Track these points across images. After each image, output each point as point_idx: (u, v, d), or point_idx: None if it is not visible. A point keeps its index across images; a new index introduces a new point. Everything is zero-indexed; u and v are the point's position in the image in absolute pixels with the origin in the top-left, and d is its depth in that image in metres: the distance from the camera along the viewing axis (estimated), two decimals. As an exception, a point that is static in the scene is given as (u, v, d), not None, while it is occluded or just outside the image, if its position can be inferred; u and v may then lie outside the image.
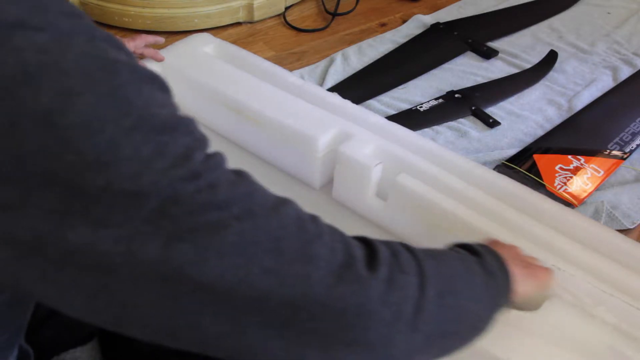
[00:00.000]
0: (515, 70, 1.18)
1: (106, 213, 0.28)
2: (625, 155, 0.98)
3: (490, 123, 1.04)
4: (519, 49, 1.25)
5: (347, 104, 0.86)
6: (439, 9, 1.39)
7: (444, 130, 1.02)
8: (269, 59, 0.98)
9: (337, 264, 0.34)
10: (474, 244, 0.48)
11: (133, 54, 0.31)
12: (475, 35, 1.26)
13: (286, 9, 1.32)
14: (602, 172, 0.93)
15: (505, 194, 0.72)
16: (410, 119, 1.01)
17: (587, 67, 1.21)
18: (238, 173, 0.33)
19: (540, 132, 1.03)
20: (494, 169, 0.91)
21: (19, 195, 0.27)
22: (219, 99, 0.86)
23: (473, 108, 1.06)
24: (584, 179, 0.91)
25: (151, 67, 0.86)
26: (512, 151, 0.98)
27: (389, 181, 0.75)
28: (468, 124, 1.04)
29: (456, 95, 1.09)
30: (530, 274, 0.50)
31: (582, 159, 0.95)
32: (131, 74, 0.29)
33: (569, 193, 0.88)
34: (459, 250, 0.46)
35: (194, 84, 0.88)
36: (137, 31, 1.20)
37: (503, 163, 0.94)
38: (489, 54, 1.21)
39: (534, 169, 0.92)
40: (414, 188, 0.72)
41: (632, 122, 1.05)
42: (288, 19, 1.30)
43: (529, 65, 1.19)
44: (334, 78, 1.11)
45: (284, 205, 0.34)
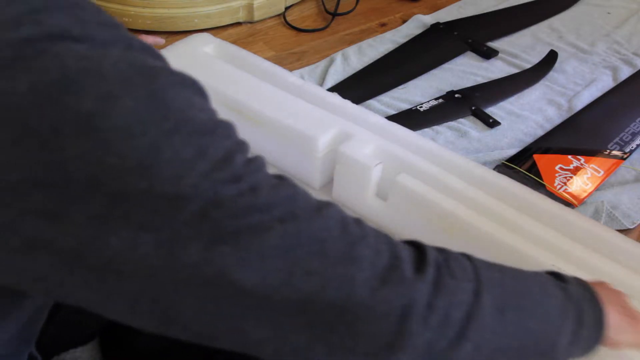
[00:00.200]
0: (515, 70, 1.18)
1: (147, 217, 0.28)
2: (625, 155, 0.98)
3: (490, 123, 1.04)
4: (519, 49, 1.25)
5: (347, 104, 0.86)
6: (439, 9, 1.39)
7: (444, 130, 1.02)
8: (269, 59, 0.98)
9: (382, 265, 0.33)
10: (567, 275, 0.44)
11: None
12: (475, 35, 1.26)
13: (286, 9, 1.32)
14: (602, 172, 0.93)
15: (505, 194, 0.72)
16: (410, 119, 1.01)
17: (587, 67, 1.21)
18: (279, 177, 0.33)
19: (540, 132, 1.03)
20: (494, 169, 0.91)
21: (61, 202, 0.27)
22: (219, 99, 0.86)
23: (473, 108, 1.06)
24: (584, 179, 0.91)
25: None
26: (512, 151, 0.98)
27: (389, 181, 0.75)
28: (468, 124, 1.04)
29: (456, 95, 1.09)
30: (633, 326, 0.46)
31: (582, 159, 0.95)
32: (169, 78, 0.30)
33: (569, 193, 0.88)
34: (540, 273, 0.43)
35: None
36: (137, 31, 1.20)
37: (503, 163, 0.94)
38: (489, 54, 1.21)
39: (534, 169, 0.92)
40: (414, 188, 0.72)
41: (632, 122, 1.05)
42: (288, 19, 1.30)
43: (529, 65, 1.19)
44: (334, 78, 1.11)
45: (326, 207, 0.33)
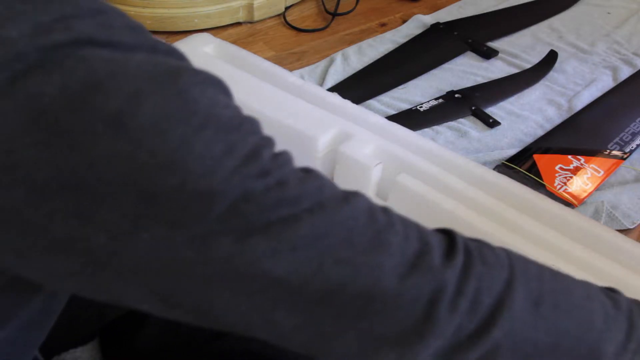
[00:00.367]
0: (515, 70, 1.18)
1: (179, 214, 0.28)
2: (625, 155, 0.98)
3: (490, 123, 1.04)
4: (519, 49, 1.25)
5: (347, 104, 0.86)
6: (439, 9, 1.39)
7: (444, 130, 1.02)
8: (269, 59, 0.98)
9: (411, 252, 0.33)
10: (622, 293, 0.43)
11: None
12: (475, 35, 1.26)
13: (286, 9, 1.32)
14: (602, 172, 0.93)
15: (505, 194, 0.72)
16: (410, 119, 1.01)
17: (587, 67, 1.21)
18: (306, 170, 0.34)
19: (540, 132, 1.03)
20: (494, 169, 0.91)
21: (92, 202, 0.27)
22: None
23: (473, 108, 1.06)
24: (584, 179, 0.91)
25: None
26: (512, 151, 0.98)
27: (389, 181, 0.75)
28: (468, 124, 1.04)
29: (456, 95, 1.09)
30: None
31: (582, 159, 0.95)
32: (194, 77, 0.30)
33: (569, 193, 0.88)
34: (589, 282, 0.42)
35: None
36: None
37: (503, 163, 0.94)
38: (489, 54, 1.21)
39: (534, 169, 0.92)
40: (414, 188, 0.72)
41: (632, 122, 1.05)
42: (288, 19, 1.30)
43: (529, 65, 1.19)
44: (334, 78, 1.11)
45: (354, 197, 0.34)
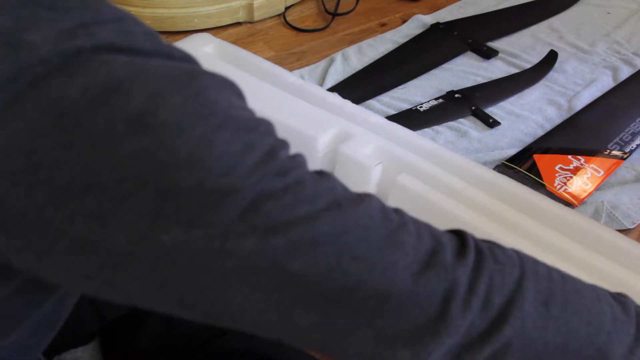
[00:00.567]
0: (515, 70, 1.18)
1: (199, 212, 0.28)
2: (625, 155, 0.98)
3: (490, 123, 1.04)
4: (519, 49, 1.25)
5: (347, 104, 0.86)
6: (439, 9, 1.39)
7: (444, 130, 1.02)
8: (269, 59, 0.98)
9: (424, 251, 0.34)
10: (631, 298, 0.44)
11: None
12: (475, 35, 1.26)
13: (286, 9, 1.32)
14: (602, 172, 0.93)
15: (505, 194, 0.72)
16: (410, 119, 1.01)
17: (587, 67, 1.21)
18: (320, 172, 0.34)
19: (540, 132, 1.03)
20: (494, 169, 0.91)
21: (112, 202, 0.28)
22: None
23: (473, 108, 1.06)
24: (584, 179, 0.91)
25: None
26: (512, 151, 0.98)
27: (389, 181, 0.75)
28: (468, 124, 1.04)
29: (456, 95, 1.09)
30: None
31: (582, 159, 0.95)
32: (210, 80, 0.31)
33: (569, 193, 0.89)
34: (593, 284, 0.42)
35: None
36: (137, 31, 1.20)
37: (503, 163, 0.94)
38: (489, 54, 1.21)
39: (534, 169, 0.93)
40: (414, 188, 0.72)
41: (632, 122, 1.05)
42: (288, 19, 1.30)
43: (529, 65, 1.19)
44: (334, 78, 1.11)
45: (367, 197, 0.35)
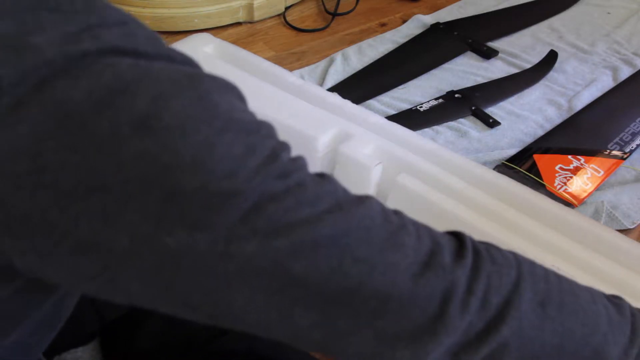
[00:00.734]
0: (515, 70, 1.18)
1: (203, 215, 0.29)
2: (625, 155, 0.98)
3: (490, 123, 1.04)
4: (519, 49, 1.25)
5: (347, 104, 0.86)
6: (439, 9, 1.39)
7: (444, 130, 1.02)
8: (269, 59, 0.98)
9: (424, 252, 0.34)
10: (628, 302, 0.44)
11: None
12: (475, 35, 1.26)
13: (286, 9, 1.32)
14: (602, 172, 0.93)
15: (505, 194, 0.72)
16: (410, 119, 1.01)
17: (587, 67, 1.21)
18: (320, 174, 0.35)
19: (540, 132, 1.03)
20: (494, 169, 0.91)
21: (116, 204, 0.28)
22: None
23: (473, 108, 1.06)
24: (584, 179, 0.91)
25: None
26: (512, 151, 0.98)
27: (389, 181, 0.75)
28: (468, 124, 1.04)
29: (456, 95, 1.09)
30: None
31: (582, 159, 0.95)
32: (212, 83, 0.31)
33: (569, 193, 0.88)
34: (588, 286, 0.43)
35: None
36: (137, 31, 1.20)
37: (503, 163, 0.94)
38: (489, 54, 1.21)
39: (534, 169, 0.93)
40: (414, 188, 0.72)
41: (632, 122, 1.05)
42: (288, 19, 1.30)
43: (529, 65, 1.19)
44: (334, 78, 1.11)
45: (367, 199, 0.35)
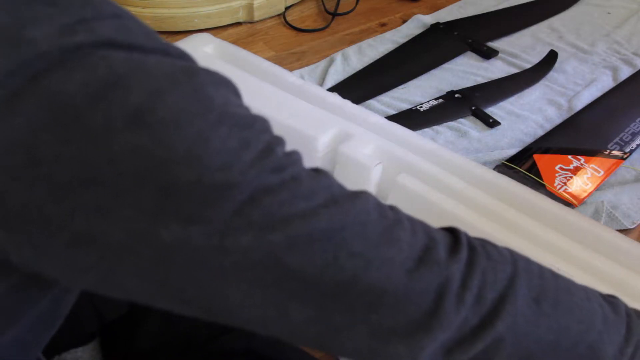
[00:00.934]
0: (515, 70, 1.18)
1: (198, 208, 0.29)
2: (625, 155, 0.98)
3: (490, 123, 1.04)
4: (519, 49, 1.25)
5: (347, 104, 0.86)
6: (439, 9, 1.39)
7: (444, 130, 1.02)
8: (269, 59, 0.98)
9: (419, 247, 0.34)
10: (623, 301, 0.43)
11: None
12: (475, 35, 1.26)
13: (286, 9, 1.32)
14: (602, 172, 0.93)
15: (505, 194, 0.72)
16: (410, 119, 1.01)
17: (587, 67, 1.21)
18: (316, 169, 0.35)
19: (540, 132, 1.03)
20: (494, 169, 0.91)
21: (112, 197, 0.28)
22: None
23: (473, 108, 1.06)
24: (584, 179, 0.91)
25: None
26: (512, 151, 0.98)
27: (389, 181, 0.75)
28: (468, 124, 1.04)
29: (456, 95, 1.09)
30: None
31: (582, 159, 0.95)
32: (207, 77, 0.31)
33: (569, 193, 0.88)
34: (584, 285, 0.42)
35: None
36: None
37: (503, 163, 0.94)
38: (489, 54, 1.21)
39: (534, 169, 0.92)
40: (414, 188, 0.72)
41: (632, 122, 1.05)
42: (288, 19, 1.30)
43: (529, 65, 1.19)
44: (334, 78, 1.11)
45: (363, 194, 0.35)
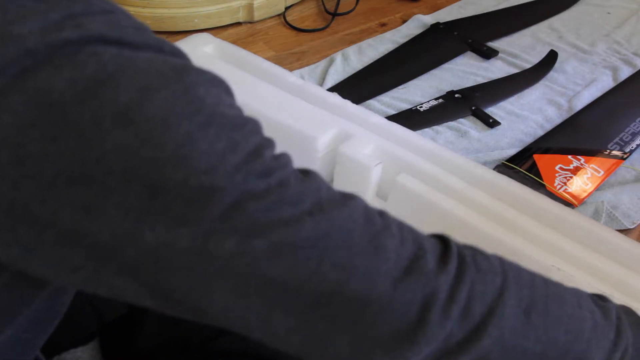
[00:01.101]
0: (515, 70, 1.18)
1: (182, 210, 0.28)
2: (625, 155, 0.98)
3: (490, 123, 1.04)
4: (519, 49, 1.25)
5: (347, 104, 0.86)
6: (439, 9, 1.39)
7: (444, 130, 1.02)
8: (269, 59, 0.98)
9: (406, 256, 0.34)
10: (612, 300, 0.43)
11: None
12: (475, 35, 1.26)
13: (286, 9, 1.32)
14: (602, 172, 0.93)
15: (505, 194, 0.72)
16: (410, 119, 1.01)
17: (587, 67, 1.21)
18: (305, 171, 0.34)
19: (540, 132, 1.03)
20: (494, 169, 0.91)
21: (98, 196, 0.28)
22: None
23: (473, 108, 1.06)
24: (584, 179, 0.91)
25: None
26: (512, 151, 0.98)
27: (389, 181, 0.75)
28: (468, 124, 1.04)
29: (456, 95, 1.09)
30: None
31: (582, 159, 0.95)
32: (200, 76, 0.31)
33: (569, 193, 0.88)
34: (580, 290, 0.42)
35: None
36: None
37: (503, 163, 0.94)
38: (489, 54, 1.21)
39: (534, 169, 0.92)
40: (414, 188, 0.72)
41: (632, 122, 1.05)
42: (288, 19, 1.30)
43: (529, 65, 1.19)
44: (334, 78, 1.11)
45: (351, 199, 0.34)
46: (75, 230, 0.28)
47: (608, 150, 0.98)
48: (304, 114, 0.80)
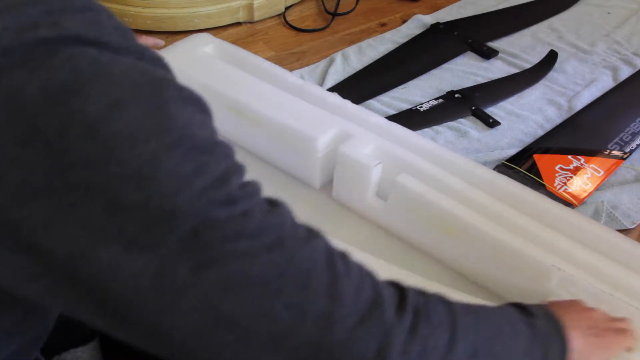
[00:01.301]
0: (515, 70, 1.18)
1: (139, 232, 0.27)
2: (625, 155, 0.98)
3: (490, 123, 1.04)
4: (519, 49, 1.25)
5: (347, 104, 0.86)
6: (439, 9, 1.39)
7: (444, 130, 1.02)
8: (269, 59, 0.98)
9: (363, 304, 0.33)
10: (533, 305, 0.45)
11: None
12: (475, 35, 1.26)
13: (286, 9, 1.32)
14: (602, 172, 0.93)
15: (505, 194, 0.72)
16: (410, 119, 1.01)
17: (587, 67, 1.21)
18: (273, 203, 0.33)
19: (540, 132, 1.03)
20: (494, 169, 0.91)
21: (58, 209, 0.27)
22: (219, 99, 0.86)
23: (473, 108, 1.06)
24: (584, 179, 0.91)
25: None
26: (512, 151, 0.98)
27: (389, 181, 0.75)
28: (468, 124, 1.04)
29: (456, 95, 1.09)
30: (600, 345, 0.47)
31: (582, 159, 0.95)
32: (176, 93, 0.30)
33: (569, 193, 0.88)
34: (508, 309, 0.43)
35: (193, 85, 0.87)
36: (137, 31, 1.20)
37: (503, 163, 0.94)
38: (489, 54, 1.21)
39: (534, 169, 0.92)
40: (414, 188, 0.72)
41: (632, 122, 1.05)
42: (288, 19, 1.30)
43: (529, 65, 1.19)
44: (334, 78, 1.11)
45: (315, 238, 0.33)
46: (33, 241, 0.27)
47: (608, 150, 0.98)
48: (304, 114, 0.80)
